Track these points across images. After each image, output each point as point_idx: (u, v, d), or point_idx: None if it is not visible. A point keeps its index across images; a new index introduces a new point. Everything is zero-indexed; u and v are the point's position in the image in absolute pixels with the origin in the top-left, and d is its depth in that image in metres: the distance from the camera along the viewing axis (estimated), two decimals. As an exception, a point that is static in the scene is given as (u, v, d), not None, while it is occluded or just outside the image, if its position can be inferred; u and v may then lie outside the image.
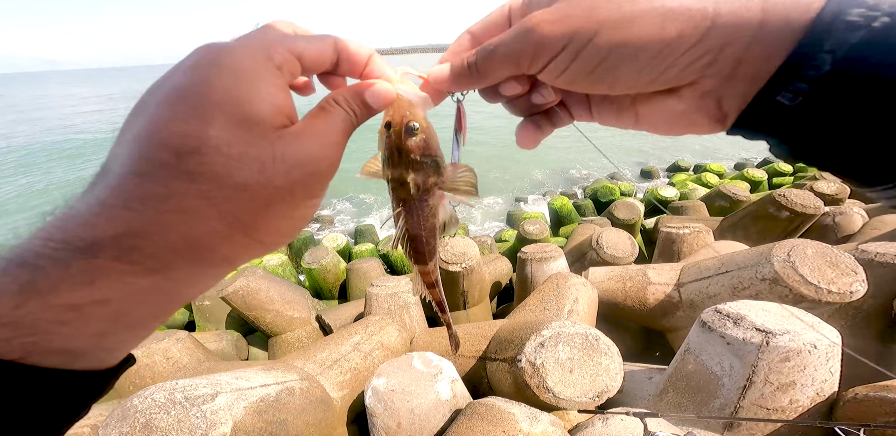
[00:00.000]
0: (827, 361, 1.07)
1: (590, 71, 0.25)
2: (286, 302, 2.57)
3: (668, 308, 1.95)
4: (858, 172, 0.22)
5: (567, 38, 0.24)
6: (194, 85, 0.22)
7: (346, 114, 0.28)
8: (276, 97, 0.24)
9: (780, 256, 1.56)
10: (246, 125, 0.22)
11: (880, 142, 0.20)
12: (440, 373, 1.27)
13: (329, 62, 0.29)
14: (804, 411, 1.12)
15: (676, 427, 1.05)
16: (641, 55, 0.23)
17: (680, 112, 0.26)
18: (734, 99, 0.24)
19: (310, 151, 0.25)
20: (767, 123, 0.23)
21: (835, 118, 0.20)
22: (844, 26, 0.19)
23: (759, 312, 1.16)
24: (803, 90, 0.20)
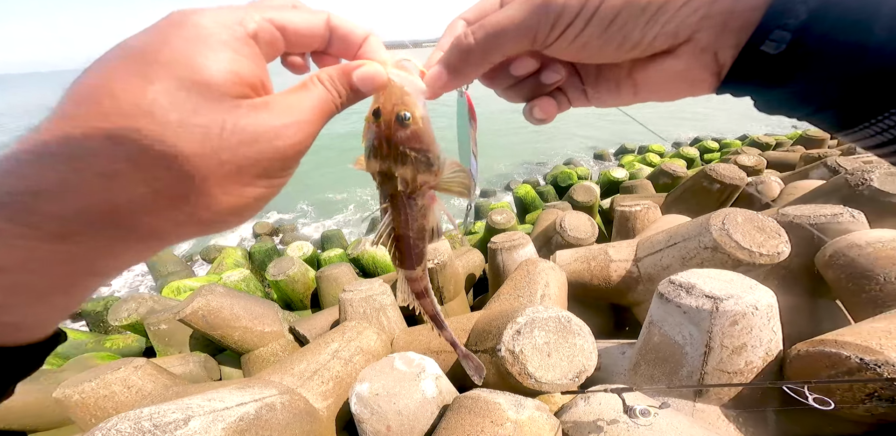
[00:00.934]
0: (769, 321, 1.18)
1: (601, 33, 0.25)
2: (254, 317, 2.46)
3: (630, 283, 2.07)
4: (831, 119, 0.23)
5: (578, 4, 0.24)
6: (148, 44, 0.21)
7: (328, 93, 0.26)
8: (237, 64, 0.22)
9: (716, 226, 1.70)
10: (194, 90, 0.21)
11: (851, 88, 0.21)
12: (423, 371, 1.28)
13: (319, 38, 0.27)
14: (759, 372, 1.22)
15: (652, 399, 1.12)
16: (647, 10, 0.24)
17: (680, 71, 0.27)
18: (728, 50, 0.24)
19: (269, 126, 0.23)
20: (757, 73, 0.24)
21: (812, 69, 0.21)
22: None
23: (706, 280, 1.26)
24: (785, 39, 0.21)
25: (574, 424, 1.07)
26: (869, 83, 0.20)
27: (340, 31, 0.27)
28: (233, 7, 0.24)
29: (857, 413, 1.07)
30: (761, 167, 4.27)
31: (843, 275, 1.61)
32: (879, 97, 0.21)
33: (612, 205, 4.23)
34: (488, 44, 0.26)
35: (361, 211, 9.25)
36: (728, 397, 1.25)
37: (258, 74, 0.23)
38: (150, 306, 3.02)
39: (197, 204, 0.22)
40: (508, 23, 0.26)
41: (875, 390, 1.03)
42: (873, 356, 1.01)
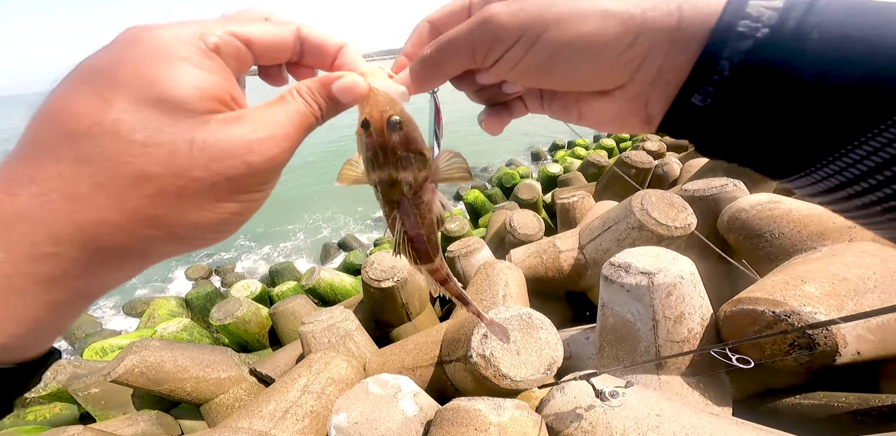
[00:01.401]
0: (695, 287, 1.33)
1: (539, 66, 0.25)
2: (205, 366, 2.29)
3: (580, 270, 2.21)
4: (767, 167, 0.24)
5: (521, 31, 0.24)
6: (103, 63, 0.21)
7: (307, 106, 0.26)
8: (201, 79, 0.22)
9: (637, 206, 1.90)
10: (158, 108, 0.21)
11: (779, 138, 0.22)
12: (399, 391, 1.26)
13: (289, 50, 0.27)
14: (702, 337, 1.35)
15: (620, 379, 1.17)
16: (584, 53, 0.24)
17: (613, 113, 0.28)
18: (658, 101, 0.25)
19: (242, 141, 0.22)
20: (687, 124, 0.25)
21: (740, 117, 0.22)
22: (736, 36, 0.21)
23: (638, 258, 1.38)
24: (710, 92, 0.22)
25: (555, 416, 1.11)
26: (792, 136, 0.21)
27: (312, 41, 0.27)
28: (192, 21, 0.23)
29: (789, 364, 1.22)
30: (663, 151, 4.96)
31: (741, 236, 1.87)
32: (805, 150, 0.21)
33: (553, 199, 4.50)
34: (439, 58, 0.27)
35: (312, 236, 8.87)
36: (684, 365, 1.37)
37: (225, 88, 0.23)
38: (70, 372, 2.71)
39: (172, 222, 0.22)
40: (453, 40, 0.26)
41: (794, 339, 1.19)
42: (781, 308, 1.18)
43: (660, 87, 0.25)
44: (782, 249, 1.67)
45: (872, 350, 1.16)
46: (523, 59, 0.25)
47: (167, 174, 0.21)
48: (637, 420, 1.03)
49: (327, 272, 4.04)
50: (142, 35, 0.21)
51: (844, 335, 1.13)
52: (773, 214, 1.78)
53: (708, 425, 1.01)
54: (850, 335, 1.14)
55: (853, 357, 1.15)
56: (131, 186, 0.20)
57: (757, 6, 0.21)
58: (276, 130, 0.24)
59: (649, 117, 0.27)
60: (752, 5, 0.21)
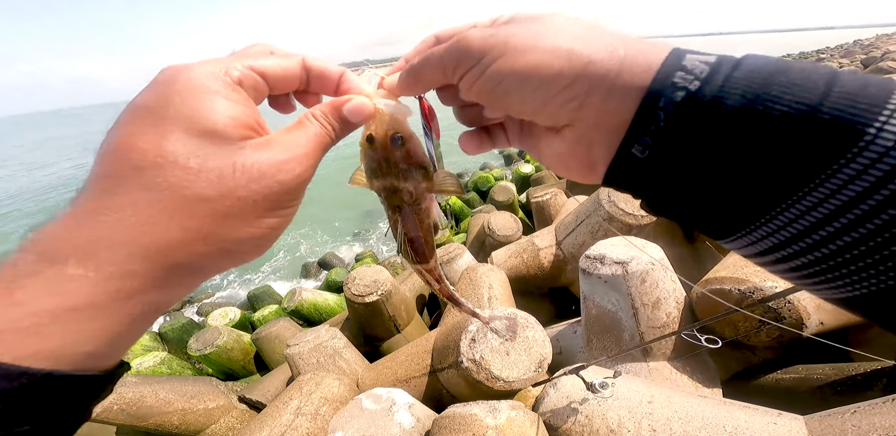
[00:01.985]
0: (666, 272, 1.39)
1: (490, 88, 0.26)
2: (189, 397, 2.22)
3: (560, 266, 2.27)
4: (706, 226, 0.23)
5: (481, 54, 0.26)
6: (152, 102, 0.24)
7: (322, 128, 0.29)
8: (233, 110, 0.25)
9: (604, 199, 1.98)
10: (205, 138, 0.24)
11: (713, 194, 0.21)
12: (394, 404, 1.25)
13: (297, 80, 0.30)
14: (679, 321, 1.41)
15: (608, 370, 1.18)
16: (526, 85, 0.25)
17: (560, 153, 0.28)
18: (602, 148, 0.25)
19: (273, 163, 0.25)
20: (630, 176, 0.24)
21: (675, 169, 0.22)
22: (671, 87, 0.21)
23: (612, 248, 1.44)
24: (648, 143, 0.22)
25: (552, 413, 1.13)
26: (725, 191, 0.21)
27: (316, 70, 0.30)
28: (216, 59, 0.26)
29: (763, 339, 1.29)
30: None
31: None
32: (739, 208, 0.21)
33: (527, 198, 4.59)
34: (420, 69, 0.30)
35: (291, 254, 8.63)
36: (669, 350, 1.41)
37: (253, 116, 0.26)
38: None
39: (224, 239, 0.25)
40: (432, 54, 0.29)
41: (762, 315, 1.26)
42: (744, 285, 1.25)
43: (604, 132, 0.24)
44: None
45: (834, 319, 1.25)
46: (478, 80, 0.27)
47: (217, 196, 0.24)
48: (630, 409, 1.06)
49: (309, 292, 3.94)
50: (177, 75, 0.25)
51: (806, 307, 1.21)
52: (728, 196, 1.89)
53: (698, 407, 1.05)
54: (810, 306, 1.22)
55: (818, 327, 1.23)
56: (190, 207, 0.23)
57: (693, 60, 0.22)
58: (299, 152, 0.27)
59: (592, 163, 0.26)
60: (689, 59, 0.22)
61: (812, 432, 0.93)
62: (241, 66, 0.26)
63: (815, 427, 0.94)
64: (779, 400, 1.17)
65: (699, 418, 1.00)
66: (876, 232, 0.18)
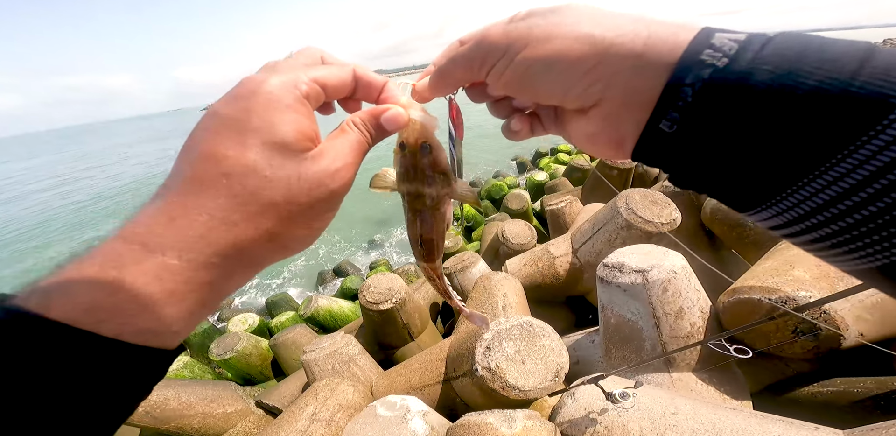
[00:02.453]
0: (689, 281, 1.34)
1: (518, 79, 0.28)
2: (209, 401, 2.26)
3: (576, 274, 2.22)
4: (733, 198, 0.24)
5: (505, 47, 0.28)
6: (237, 115, 0.27)
7: (362, 135, 0.32)
8: (301, 124, 0.28)
9: (622, 207, 1.93)
10: (277, 150, 0.27)
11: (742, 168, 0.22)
12: (408, 412, 1.23)
13: (349, 89, 0.33)
14: (705, 330, 1.34)
15: (628, 380, 1.15)
16: (552, 71, 0.26)
17: (589, 133, 0.29)
18: (630, 124, 0.26)
19: (326, 172, 0.29)
20: (658, 151, 0.25)
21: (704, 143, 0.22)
22: (699, 64, 0.22)
23: (630, 257, 1.39)
24: (676, 118, 0.23)
25: (569, 423, 1.09)
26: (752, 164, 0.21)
27: (364, 80, 0.34)
28: (285, 68, 0.30)
29: (798, 351, 1.22)
30: None
31: (726, 226, 1.90)
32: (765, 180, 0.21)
33: (542, 206, 4.55)
34: (447, 69, 0.32)
35: (309, 260, 8.76)
36: (694, 360, 1.35)
37: (313, 128, 0.30)
38: None
39: (284, 238, 0.28)
40: (458, 54, 0.31)
41: (795, 325, 1.19)
42: (776, 295, 1.19)
43: (631, 110, 0.25)
44: (767, 236, 1.70)
45: (874, 330, 1.17)
46: (505, 72, 0.28)
47: (284, 201, 0.27)
48: (653, 420, 1.01)
49: (325, 299, 3.98)
50: (257, 88, 0.28)
51: (844, 317, 1.15)
52: (754, 202, 1.81)
53: (727, 419, 0.99)
54: (849, 317, 1.15)
55: (858, 339, 1.15)
56: (265, 211, 0.27)
57: (722, 38, 0.22)
58: (347, 161, 0.30)
59: (621, 140, 0.27)
60: (718, 37, 0.22)
61: (853, 449, 0.87)
62: (308, 80, 0.29)
63: (856, 444, 0.88)
64: (815, 414, 1.09)
65: (728, 432, 0.95)
66: None
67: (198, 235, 0.25)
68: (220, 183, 0.26)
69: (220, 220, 0.26)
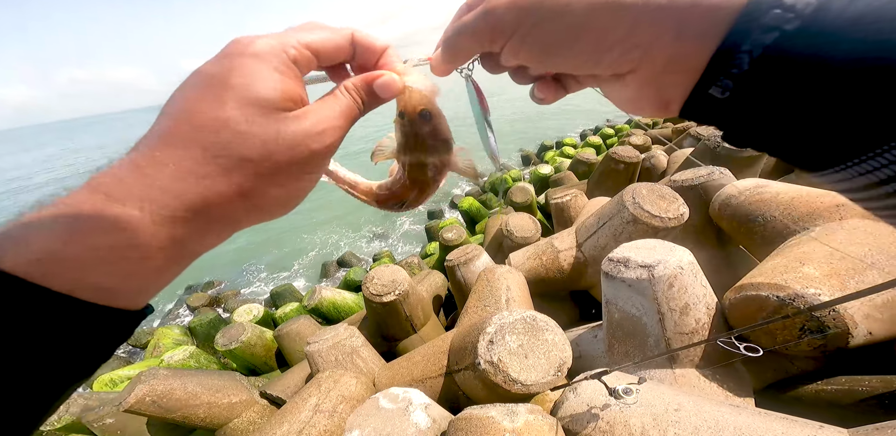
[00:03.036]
0: (695, 277, 1.32)
1: (538, 52, 0.27)
2: (215, 391, 2.30)
3: (580, 268, 2.20)
4: (799, 159, 0.22)
5: (517, 22, 0.26)
6: (219, 72, 0.27)
7: (353, 100, 0.31)
8: (284, 84, 0.28)
9: (629, 201, 1.90)
10: (255, 106, 0.27)
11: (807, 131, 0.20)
12: (410, 404, 1.24)
13: (345, 54, 0.33)
14: (710, 327, 1.32)
15: (632, 375, 1.14)
16: (578, 43, 0.25)
17: (628, 96, 0.28)
18: (674, 88, 0.25)
19: (308, 133, 0.28)
20: (709, 113, 0.24)
21: (763, 109, 0.21)
22: (760, 27, 0.19)
23: (636, 251, 1.37)
24: (729, 86, 0.21)
25: (571, 418, 1.09)
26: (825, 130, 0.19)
27: (363, 44, 0.33)
28: (276, 34, 0.29)
29: (803, 349, 1.20)
30: (649, 144, 5.05)
31: (735, 222, 1.87)
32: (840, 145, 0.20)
33: (546, 199, 4.52)
34: (455, 43, 0.30)
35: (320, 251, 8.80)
36: (698, 357, 1.34)
37: (297, 91, 0.29)
38: (82, 404, 2.72)
39: (258, 196, 0.28)
40: (462, 28, 0.29)
41: (803, 323, 1.18)
42: (784, 292, 1.17)
43: (674, 74, 0.24)
44: (776, 232, 1.67)
45: (883, 329, 1.15)
46: (522, 47, 0.27)
47: (259, 158, 0.27)
48: (655, 417, 1.01)
49: (328, 291, 4.01)
50: (243, 48, 0.27)
51: (853, 315, 1.13)
52: (763, 199, 1.78)
53: (731, 417, 0.99)
54: (858, 315, 1.13)
55: (866, 338, 1.14)
56: (237, 166, 0.26)
57: None
58: (331, 123, 0.30)
59: (666, 103, 0.26)
60: None
61: (859, 448, 0.86)
62: (297, 43, 0.29)
63: (861, 443, 0.87)
64: (818, 413, 1.08)
65: (731, 429, 0.94)
66: None
67: (164, 186, 0.24)
68: (191, 136, 0.25)
69: (188, 171, 0.25)
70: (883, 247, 1.26)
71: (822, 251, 1.30)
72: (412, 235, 8.78)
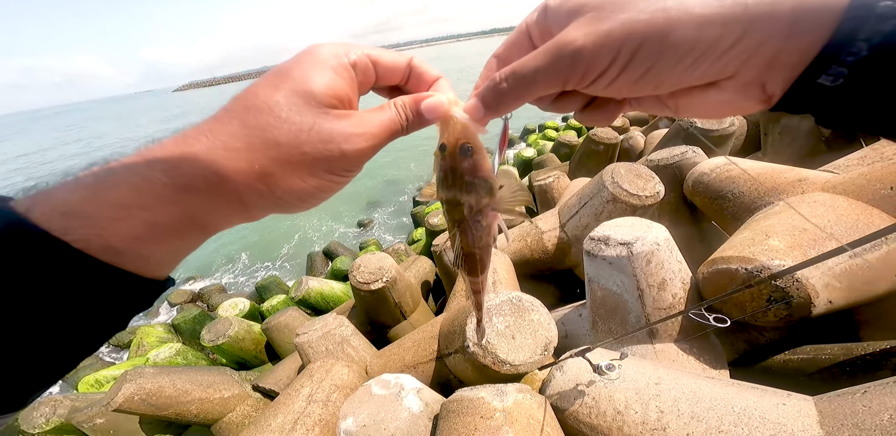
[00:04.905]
0: (671, 253, 1.37)
1: (636, 80, 0.26)
2: (206, 386, 2.30)
3: (564, 248, 2.25)
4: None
5: (613, 53, 0.25)
6: (286, 66, 0.30)
7: (398, 115, 0.32)
8: (334, 82, 0.30)
9: (607, 180, 1.94)
10: (302, 97, 0.28)
11: None
12: (402, 389, 1.27)
13: (401, 74, 0.34)
14: (686, 301, 1.38)
15: (614, 352, 1.17)
16: (683, 61, 0.25)
17: (724, 101, 0.27)
18: (777, 83, 0.25)
19: (343, 132, 0.29)
20: (811, 101, 0.24)
21: (879, 93, 0.22)
22: (875, 17, 0.20)
23: (616, 230, 1.41)
24: (843, 73, 0.22)
25: (558, 395, 1.13)
26: None
27: (418, 70, 0.35)
28: (347, 44, 0.32)
29: (770, 320, 1.27)
30: (627, 126, 5.19)
31: (707, 199, 1.94)
32: None
33: (530, 181, 4.55)
34: (520, 89, 0.29)
35: (300, 243, 8.68)
36: (675, 331, 1.40)
37: (347, 93, 0.31)
38: (69, 406, 2.71)
39: (276, 183, 0.28)
40: (538, 72, 0.28)
41: (769, 294, 1.24)
42: (752, 264, 1.23)
43: (777, 70, 0.24)
44: (744, 207, 1.74)
45: (842, 298, 1.23)
46: (619, 77, 0.26)
47: (286, 144, 0.28)
48: (637, 390, 1.06)
49: (315, 281, 3.98)
50: (311, 50, 0.30)
51: (814, 285, 1.20)
52: (731, 175, 1.85)
53: (706, 388, 1.05)
54: (819, 284, 1.20)
55: (827, 307, 1.21)
56: (264, 148, 0.27)
57: None
58: (369, 130, 0.30)
59: (767, 98, 0.26)
60: None
61: (822, 413, 0.93)
62: (361, 52, 0.31)
63: (824, 408, 0.94)
64: (787, 381, 1.16)
65: (707, 399, 1.01)
66: None
67: (190, 155, 0.26)
68: (238, 114, 0.28)
69: (219, 144, 0.26)
70: (841, 218, 1.33)
71: (786, 224, 1.37)
72: (397, 224, 8.75)
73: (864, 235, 0.43)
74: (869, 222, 1.30)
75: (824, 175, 1.65)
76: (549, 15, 0.28)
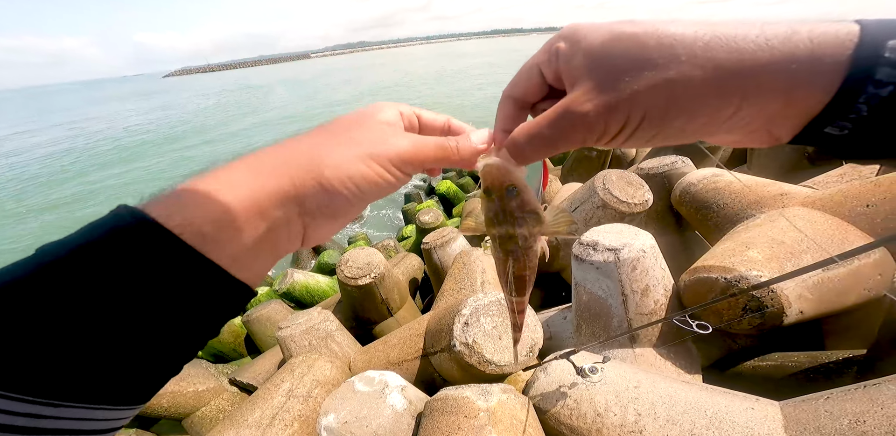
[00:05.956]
0: (656, 260, 1.41)
1: (648, 139, 0.28)
2: (179, 379, 2.25)
3: (553, 252, 2.29)
4: None
5: (621, 123, 0.27)
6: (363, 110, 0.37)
7: (447, 141, 0.36)
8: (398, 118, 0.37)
9: (599, 186, 1.98)
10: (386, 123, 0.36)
11: None
12: (386, 386, 1.27)
13: (440, 130, 0.41)
14: (667, 308, 1.43)
15: (597, 355, 1.20)
16: (686, 130, 0.27)
17: (731, 140, 0.29)
18: (784, 128, 0.26)
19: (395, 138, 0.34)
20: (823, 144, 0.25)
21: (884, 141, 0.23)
22: (874, 84, 0.21)
23: (604, 235, 1.44)
24: (848, 127, 0.23)
25: (541, 396, 1.15)
26: None
27: (455, 128, 0.41)
28: (398, 104, 0.39)
29: (744, 327, 1.32)
30: None
31: (692, 209, 2.00)
32: None
33: (521, 184, 4.59)
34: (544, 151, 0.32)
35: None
36: (655, 337, 1.45)
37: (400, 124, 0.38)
38: None
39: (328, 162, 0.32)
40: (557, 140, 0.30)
41: (745, 303, 1.29)
42: (731, 274, 1.28)
43: (783, 120, 0.25)
44: (727, 219, 1.80)
45: (813, 309, 1.29)
46: (630, 139, 0.28)
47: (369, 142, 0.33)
48: (617, 393, 1.09)
49: (301, 274, 3.94)
50: (377, 104, 0.38)
51: (788, 296, 1.25)
52: (717, 187, 1.91)
53: (682, 392, 1.08)
54: (792, 295, 1.25)
55: (798, 317, 1.27)
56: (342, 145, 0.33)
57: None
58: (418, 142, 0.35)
59: (775, 139, 0.27)
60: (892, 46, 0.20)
61: (787, 417, 0.98)
62: (410, 110, 0.39)
63: (790, 412, 0.99)
64: (756, 386, 1.21)
65: (682, 403, 1.04)
66: None
67: (282, 162, 0.30)
68: (330, 127, 0.34)
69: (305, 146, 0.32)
70: (818, 233, 1.39)
71: (765, 237, 1.42)
72: (385, 220, 8.70)
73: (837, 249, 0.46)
74: (843, 238, 1.37)
75: (805, 190, 1.72)
76: (561, 60, 0.30)
